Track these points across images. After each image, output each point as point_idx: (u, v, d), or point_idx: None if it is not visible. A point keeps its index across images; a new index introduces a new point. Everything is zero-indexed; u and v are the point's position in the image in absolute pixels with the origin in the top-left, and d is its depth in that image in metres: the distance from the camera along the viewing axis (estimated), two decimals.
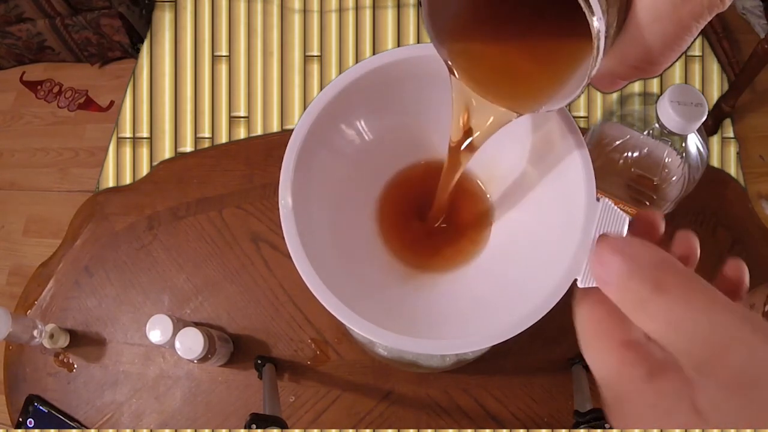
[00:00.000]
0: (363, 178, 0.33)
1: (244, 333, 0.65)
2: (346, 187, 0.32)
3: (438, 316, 0.29)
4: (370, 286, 0.30)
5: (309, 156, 0.28)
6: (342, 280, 0.27)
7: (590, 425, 0.47)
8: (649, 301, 0.20)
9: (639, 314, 0.20)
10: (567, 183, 0.26)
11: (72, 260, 0.70)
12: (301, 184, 0.28)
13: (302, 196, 0.27)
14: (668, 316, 0.20)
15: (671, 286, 0.20)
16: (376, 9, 1.31)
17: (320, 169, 0.29)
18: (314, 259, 0.26)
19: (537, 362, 0.61)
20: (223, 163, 0.73)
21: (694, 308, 0.19)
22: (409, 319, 0.28)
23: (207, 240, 0.69)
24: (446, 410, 0.61)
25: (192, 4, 1.37)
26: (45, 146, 1.49)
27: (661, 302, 0.20)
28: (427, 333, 0.25)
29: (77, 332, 0.67)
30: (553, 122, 0.27)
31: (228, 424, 0.62)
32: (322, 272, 0.26)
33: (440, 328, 0.27)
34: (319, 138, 0.29)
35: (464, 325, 0.27)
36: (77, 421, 0.64)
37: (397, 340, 0.24)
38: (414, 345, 0.25)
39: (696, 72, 1.34)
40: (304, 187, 0.28)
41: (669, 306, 0.20)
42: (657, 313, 0.20)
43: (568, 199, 0.26)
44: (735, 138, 1.32)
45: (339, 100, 0.28)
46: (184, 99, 1.34)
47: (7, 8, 1.36)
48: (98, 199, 0.73)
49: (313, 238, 0.27)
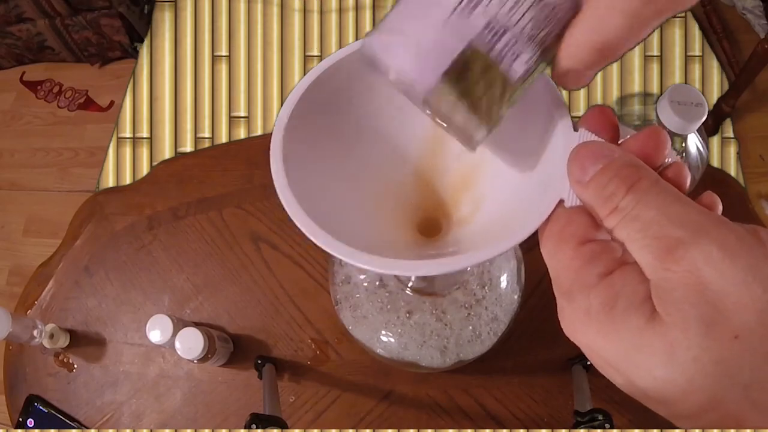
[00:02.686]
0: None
1: (244, 333, 0.65)
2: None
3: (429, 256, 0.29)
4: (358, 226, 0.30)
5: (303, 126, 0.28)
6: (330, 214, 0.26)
7: (590, 425, 0.47)
8: (618, 196, 0.20)
9: (605, 209, 0.21)
10: (542, 120, 0.26)
11: (72, 260, 0.70)
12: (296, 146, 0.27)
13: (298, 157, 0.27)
14: (634, 212, 0.20)
15: (642, 185, 0.20)
16: (376, 9, 1.31)
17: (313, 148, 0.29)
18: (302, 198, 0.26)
19: (537, 362, 0.61)
20: (223, 163, 0.73)
21: (659, 204, 0.19)
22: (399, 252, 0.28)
23: (207, 240, 0.69)
24: (446, 410, 0.61)
25: (192, 4, 1.37)
26: (45, 146, 1.49)
27: (630, 198, 0.20)
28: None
29: (77, 332, 0.67)
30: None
31: (228, 424, 0.62)
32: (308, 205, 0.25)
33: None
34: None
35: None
36: (77, 421, 0.64)
37: (389, 264, 0.24)
38: (408, 267, 0.24)
39: (696, 72, 1.34)
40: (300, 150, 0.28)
41: (636, 202, 0.20)
42: (624, 208, 0.20)
43: (546, 134, 0.26)
44: (735, 138, 1.32)
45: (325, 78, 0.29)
46: (184, 99, 1.34)
47: (7, 8, 1.36)
48: (98, 199, 0.73)
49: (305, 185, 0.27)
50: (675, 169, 0.22)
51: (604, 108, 0.24)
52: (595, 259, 0.21)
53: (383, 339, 0.49)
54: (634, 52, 1.33)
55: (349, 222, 0.29)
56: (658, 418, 0.21)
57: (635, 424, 0.57)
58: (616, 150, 0.22)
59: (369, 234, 0.31)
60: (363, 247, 0.24)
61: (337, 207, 0.29)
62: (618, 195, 0.20)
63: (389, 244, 0.32)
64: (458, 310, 0.47)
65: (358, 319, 0.49)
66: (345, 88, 0.30)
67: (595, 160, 0.21)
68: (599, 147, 0.22)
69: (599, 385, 0.59)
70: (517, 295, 0.49)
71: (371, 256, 0.24)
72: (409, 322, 0.48)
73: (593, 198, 0.21)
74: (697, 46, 1.35)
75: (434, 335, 0.48)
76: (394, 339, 0.48)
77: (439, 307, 0.47)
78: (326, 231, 0.25)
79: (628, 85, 1.32)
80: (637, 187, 0.20)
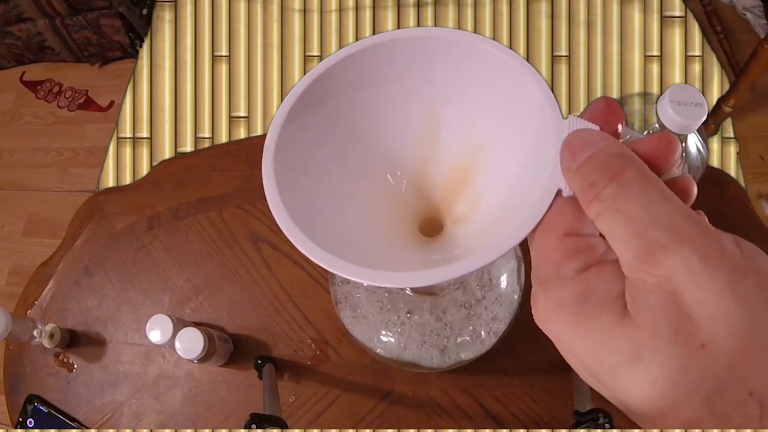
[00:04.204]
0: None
1: (244, 333, 0.65)
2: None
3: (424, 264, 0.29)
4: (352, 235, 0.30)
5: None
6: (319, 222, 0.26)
7: (590, 425, 0.47)
8: (600, 185, 0.20)
9: (587, 196, 0.20)
10: (530, 109, 0.26)
11: (72, 260, 0.70)
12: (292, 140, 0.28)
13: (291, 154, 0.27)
14: (616, 204, 0.19)
15: (626, 176, 0.20)
16: (376, 9, 1.31)
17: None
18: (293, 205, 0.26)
19: (537, 362, 0.61)
20: (223, 163, 0.73)
21: (644, 200, 0.19)
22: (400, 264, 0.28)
23: (207, 240, 0.69)
24: (446, 410, 0.61)
25: (192, 4, 1.37)
26: (45, 146, 1.49)
27: (612, 188, 0.20)
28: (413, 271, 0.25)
29: (77, 332, 0.67)
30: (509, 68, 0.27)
31: (228, 424, 0.62)
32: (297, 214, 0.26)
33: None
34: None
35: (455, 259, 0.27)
36: (77, 421, 0.64)
37: (387, 277, 0.24)
38: (404, 279, 0.24)
39: (696, 72, 1.34)
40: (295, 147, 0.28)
41: (619, 193, 0.19)
42: (606, 197, 0.20)
43: (534, 123, 0.26)
44: (735, 138, 1.32)
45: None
46: (184, 99, 1.34)
47: (7, 8, 1.36)
48: (98, 199, 0.73)
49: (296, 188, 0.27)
50: (683, 183, 0.22)
51: (611, 100, 0.24)
52: (575, 254, 0.21)
53: (383, 339, 0.49)
54: (634, 52, 1.33)
55: (346, 231, 0.29)
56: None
57: (635, 424, 0.56)
58: (608, 139, 0.21)
59: (366, 239, 0.31)
60: (360, 253, 0.25)
61: (331, 216, 0.29)
62: (600, 183, 0.20)
63: (387, 246, 0.32)
64: (458, 309, 0.47)
65: (358, 319, 0.49)
66: (335, 93, 0.30)
67: (584, 148, 0.21)
68: (591, 135, 0.22)
69: None
70: (517, 294, 0.49)
71: (370, 270, 0.24)
72: (409, 321, 0.48)
73: (579, 186, 0.21)
74: (697, 46, 1.35)
75: (434, 335, 0.48)
76: (394, 339, 0.48)
77: (438, 307, 0.47)
78: (324, 246, 0.25)
79: (628, 85, 1.32)
80: (621, 177, 0.20)
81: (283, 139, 0.28)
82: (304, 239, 0.25)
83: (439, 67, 0.29)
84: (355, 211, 0.32)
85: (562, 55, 1.32)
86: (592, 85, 1.31)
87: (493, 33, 1.30)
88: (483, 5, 1.29)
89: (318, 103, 0.29)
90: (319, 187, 0.30)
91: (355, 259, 0.25)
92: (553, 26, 1.32)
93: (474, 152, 0.31)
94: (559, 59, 1.32)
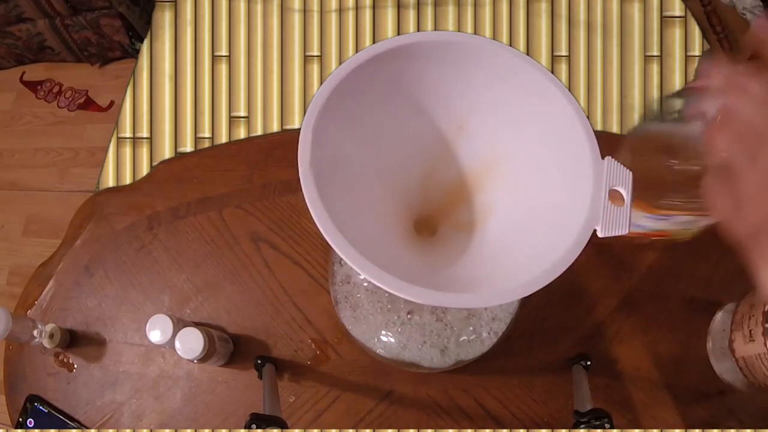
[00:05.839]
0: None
1: (244, 333, 0.65)
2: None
3: (453, 279, 0.29)
4: (384, 246, 0.30)
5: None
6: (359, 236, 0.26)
7: (590, 425, 0.47)
8: None
9: None
10: (569, 146, 0.27)
11: (72, 260, 0.70)
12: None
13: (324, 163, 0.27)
14: None
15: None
16: (376, 9, 1.31)
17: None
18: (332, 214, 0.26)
19: (537, 362, 0.61)
20: (223, 163, 0.73)
21: None
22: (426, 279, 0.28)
23: (207, 240, 0.69)
24: (446, 410, 0.60)
25: (192, 4, 1.37)
26: (45, 146, 1.49)
27: None
28: (445, 289, 0.25)
29: (77, 332, 0.67)
30: (552, 101, 0.27)
31: (228, 424, 0.62)
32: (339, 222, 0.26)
33: (456, 286, 0.27)
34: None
35: (476, 284, 0.27)
36: (77, 421, 0.64)
37: (424, 294, 0.24)
38: (438, 298, 0.24)
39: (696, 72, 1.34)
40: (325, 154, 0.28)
41: None
42: None
43: (572, 161, 0.26)
44: None
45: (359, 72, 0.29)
46: (184, 99, 1.34)
47: (7, 8, 1.36)
48: (98, 199, 0.73)
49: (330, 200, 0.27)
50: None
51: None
52: None
53: (383, 339, 0.49)
54: (634, 52, 1.33)
55: (360, 226, 0.29)
56: (658, 417, 0.21)
57: (635, 424, 0.56)
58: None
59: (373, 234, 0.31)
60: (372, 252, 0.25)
61: (350, 210, 0.30)
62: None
63: (388, 244, 0.32)
64: (458, 310, 0.47)
65: (358, 319, 0.49)
66: (370, 91, 0.30)
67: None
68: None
69: (599, 385, 0.59)
70: None
71: (402, 282, 0.24)
72: (409, 322, 0.48)
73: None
74: (697, 46, 1.35)
75: (434, 335, 0.48)
76: (394, 339, 0.48)
77: (439, 307, 0.47)
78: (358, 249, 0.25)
79: (628, 85, 1.32)
80: None
81: (317, 131, 0.28)
82: (359, 257, 0.25)
83: (477, 77, 0.29)
84: (370, 207, 0.32)
85: (562, 55, 1.32)
86: (592, 85, 1.31)
87: (493, 33, 1.29)
88: (483, 6, 1.29)
89: (354, 93, 0.29)
90: (346, 181, 0.30)
91: (375, 261, 0.25)
92: (553, 26, 1.32)
93: (489, 163, 0.31)
94: (559, 59, 1.32)
